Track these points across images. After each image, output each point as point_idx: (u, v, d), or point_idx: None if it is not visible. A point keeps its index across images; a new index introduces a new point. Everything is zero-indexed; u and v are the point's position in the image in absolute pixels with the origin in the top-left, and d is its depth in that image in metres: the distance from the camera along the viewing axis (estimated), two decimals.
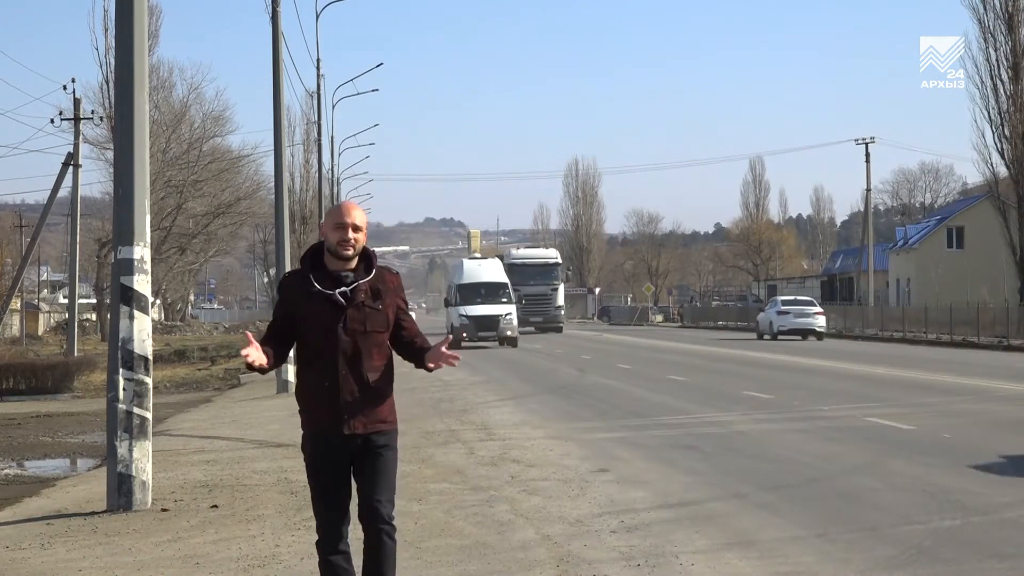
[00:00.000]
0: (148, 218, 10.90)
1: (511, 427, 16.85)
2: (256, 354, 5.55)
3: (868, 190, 67.57)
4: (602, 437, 15.43)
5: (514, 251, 63.79)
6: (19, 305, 62.96)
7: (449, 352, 5.68)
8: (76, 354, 39.01)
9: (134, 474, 10.40)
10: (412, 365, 5.91)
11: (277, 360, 5.73)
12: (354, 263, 5.70)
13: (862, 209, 73.47)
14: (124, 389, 10.46)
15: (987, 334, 42.39)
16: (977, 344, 41.32)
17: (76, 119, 47.06)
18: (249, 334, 5.68)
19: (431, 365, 5.72)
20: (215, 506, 10.53)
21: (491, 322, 46.53)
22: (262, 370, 5.63)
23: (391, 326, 5.75)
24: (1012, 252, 51.36)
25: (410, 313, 5.92)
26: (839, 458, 12.84)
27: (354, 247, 5.67)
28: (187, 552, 8.63)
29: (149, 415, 10.65)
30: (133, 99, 10.87)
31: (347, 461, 5.71)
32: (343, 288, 5.64)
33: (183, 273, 79.56)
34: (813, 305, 52.19)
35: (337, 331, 5.60)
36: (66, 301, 59.75)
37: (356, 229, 5.69)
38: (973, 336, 42.85)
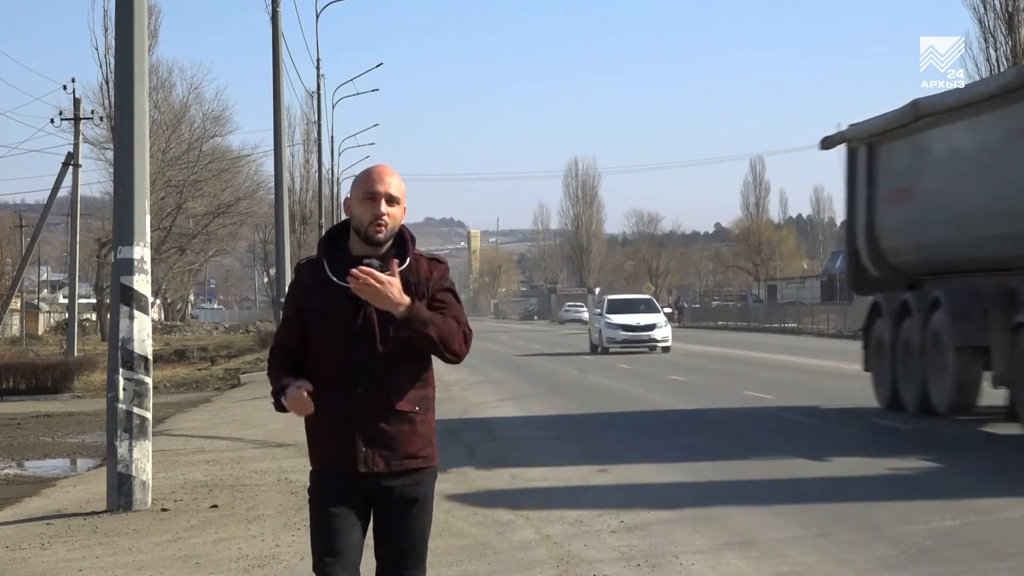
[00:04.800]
0: (148, 218, 10.90)
1: (511, 427, 16.85)
2: (305, 400, 4.35)
3: None
4: (602, 437, 15.42)
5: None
6: (19, 305, 62.98)
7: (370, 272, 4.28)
8: (76, 354, 38.99)
9: (134, 474, 10.40)
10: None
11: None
12: (384, 248, 4.44)
13: None
14: (124, 389, 10.46)
15: None
16: None
17: (76, 119, 47.06)
18: (304, 391, 4.35)
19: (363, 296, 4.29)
20: (215, 506, 10.53)
21: None
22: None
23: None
24: None
25: (459, 301, 4.54)
26: (839, 458, 12.83)
27: (391, 224, 4.39)
28: (187, 552, 8.62)
29: (149, 415, 10.65)
30: (133, 99, 10.86)
31: (364, 509, 4.46)
32: None
33: (183, 273, 79.54)
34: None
35: (354, 335, 4.38)
36: (66, 301, 59.75)
37: (392, 201, 4.39)
38: None
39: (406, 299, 4.31)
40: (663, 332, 37.39)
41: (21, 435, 19.15)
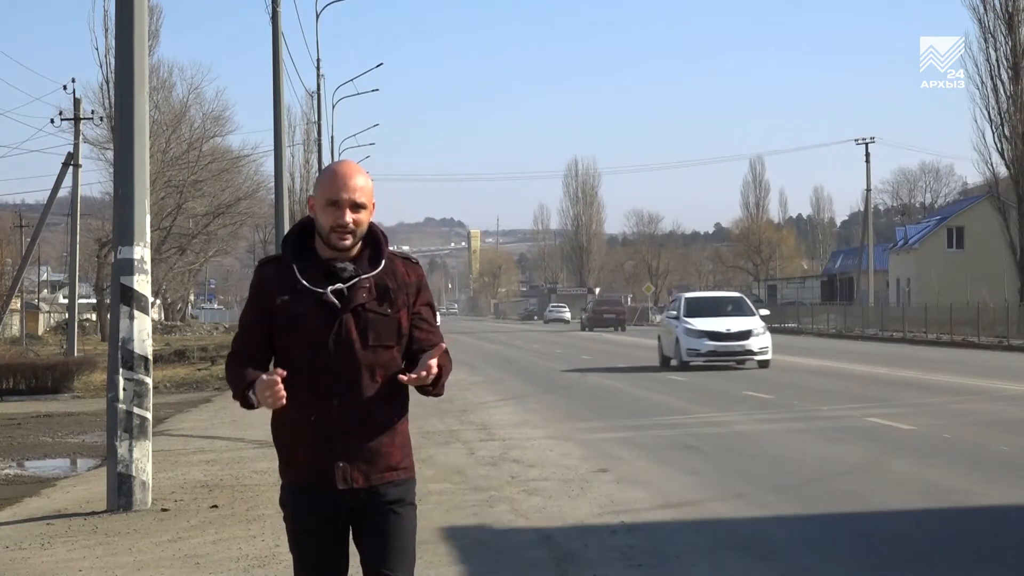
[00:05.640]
0: (148, 218, 10.90)
1: (511, 427, 16.85)
2: (278, 388, 4.05)
3: (868, 190, 67.62)
4: (602, 437, 15.43)
5: None
6: (19, 305, 62.96)
7: (431, 363, 4.09)
8: (76, 354, 38.97)
9: (134, 474, 10.40)
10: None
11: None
12: (355, 249, 4.18)
13: (862, 209, 73.54)
14: (124, 389, 10.46)
15: (987, 334, 42.39)
16: (977, 344, 41.31)
17: (76, 119, 47.08)
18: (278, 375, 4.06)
19: (404, 378, 4.11)
20: (215, 506, 10.53)
21: None
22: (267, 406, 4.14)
23: (404, 337, 4.21)
24: (1012, 252, 51.39)
25: (435, 316, 4.36)
26: (839, 458, 12.83)
27: (354, 234, 4.14)
28: (187, 552, 8.63)
29: (149, 415, 10.65)
30: (133, 99, 10.87)
31: (343, 524, 4.21)
32: (338, 285, 4.13)
33: (183, 273, 79.54)
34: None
35: (328, 344, 4.10)
36: (66, 301, 59.78)
37: (357, 207, 4.13)
38: (973, 336, 42.84)
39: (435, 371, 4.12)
40: (760, 341, 28.52)
41: (21, 435, 19.14)
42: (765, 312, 31.90)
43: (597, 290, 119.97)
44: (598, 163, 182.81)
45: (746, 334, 28.37)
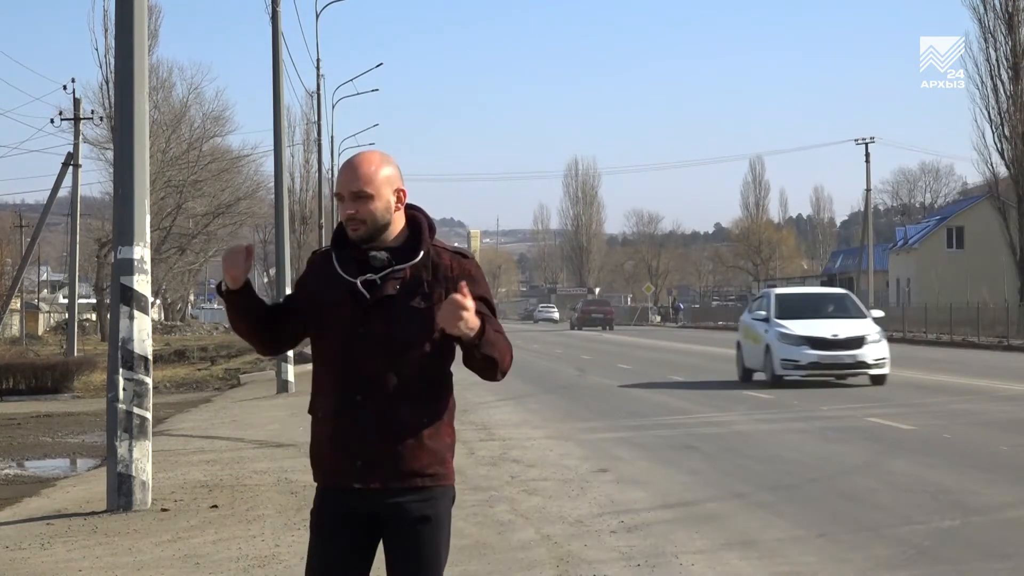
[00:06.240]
0: (148, 218, 10.90)
1: (511, 427, 16.86)
2: (242, 262, 3.98)
3: (868, 190, 67.56)
4: (602, 437, 15.43)
5: None
6: (19, 305, 63.00)
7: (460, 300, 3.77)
8: (76, 354, 39.01)
9: (134, 474, 10.39)
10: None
11: (260, 315, 4.09)
12: (395, 236, 3.98)
13: (862, 209, 73.49)
14: (124, 389, 10.46)
15: (987, 334, 42.41)
16: (977, 344, 41.32)
17: (76, 119, 47.12)
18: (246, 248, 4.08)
19: (442, 325, 3.82)
20: (215, 506, 10.53)
21: None
22: (233, 279, 3.99)
23: (439, 332, 3.93)
24: (1012, 252, 51.42)
25: (493, 311, 4.07)
26: (839, 458, 12.84)
27: (367, 221, 3.92)
28: (187, 552, 8.62)
29: (149, 415, 10.65)
30: (133, 99, 10.86)
31: (364, 532, 3.97)
32: (371, 275, 3.95)
33: (183, 273, 79.64)
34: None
35: (356, 336, 3.91)
36: (66, 301, 59.78)
37: (360, 197, 3.91)
38: (973, 336, 42.85)
39: (477, 322, 3.81)
40: (876, 350, 22.35)
41: (21, 435, 19.15)
42: (879, 313, 25.34)
43: (597, 290, 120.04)
44: (598, 163, 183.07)
45: (858, 341, 22.30)
